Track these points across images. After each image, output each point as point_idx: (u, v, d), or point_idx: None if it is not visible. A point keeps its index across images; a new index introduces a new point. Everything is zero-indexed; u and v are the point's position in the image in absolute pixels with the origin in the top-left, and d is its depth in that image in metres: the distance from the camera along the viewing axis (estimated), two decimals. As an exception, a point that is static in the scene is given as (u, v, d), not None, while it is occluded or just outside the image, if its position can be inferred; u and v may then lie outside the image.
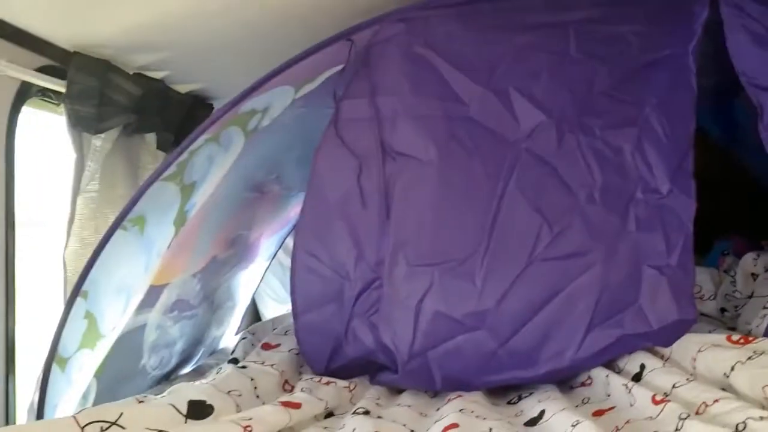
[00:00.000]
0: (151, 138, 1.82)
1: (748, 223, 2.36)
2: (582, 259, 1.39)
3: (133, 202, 1.20)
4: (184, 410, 1.15)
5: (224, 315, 2.06)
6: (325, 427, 1.25)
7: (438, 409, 1.31)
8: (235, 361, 1.57)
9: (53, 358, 1.23)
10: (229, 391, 1.31)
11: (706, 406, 1.05)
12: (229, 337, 2.07)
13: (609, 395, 1.36)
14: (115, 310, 1.35)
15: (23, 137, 1.43)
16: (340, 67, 1.39)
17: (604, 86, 1.42)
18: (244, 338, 1.85)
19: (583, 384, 1.49)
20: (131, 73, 1.66)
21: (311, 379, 1.51)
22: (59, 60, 1.46)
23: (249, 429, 1.12)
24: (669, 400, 1.12)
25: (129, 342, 1.47)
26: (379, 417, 1.30)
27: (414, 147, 1.38)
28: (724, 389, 1.16)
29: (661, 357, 1.43)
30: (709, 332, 1.43)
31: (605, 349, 1.40)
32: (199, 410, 1.19)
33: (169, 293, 1.57)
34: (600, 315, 1.40)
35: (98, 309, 1.30)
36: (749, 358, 1.22)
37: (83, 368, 1.36)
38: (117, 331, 1.40)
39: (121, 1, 1.32)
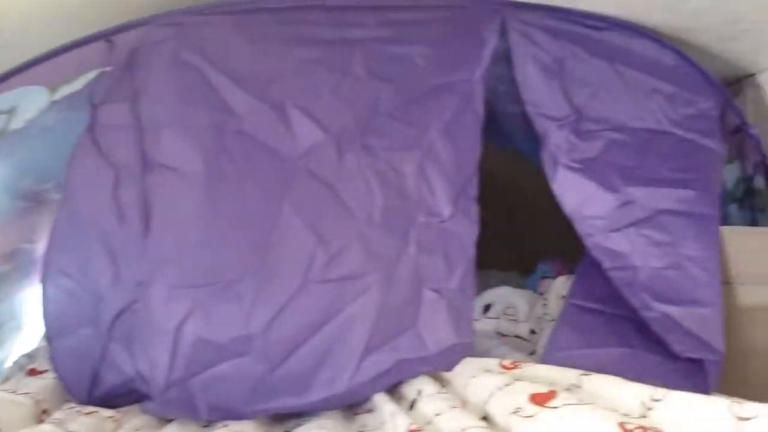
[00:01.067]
0: None
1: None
2: (359, 282, 1.36)
3: None
4: None
5: (5, 336, 1.87)
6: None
7: None
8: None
9: None
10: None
11: None
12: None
13: (383, 423, 1.32)
14: None
15: None
16: (105, 70, 1.27)
17: (389, 107, 1.41)
18: (16, 361, 1.68)
19: (366, 411, 1.45)
20: None
21: (72, 408, 1.38)
22: None
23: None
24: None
25: None
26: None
27: (179, 159, 1.32)
28: (485, 418, 1.15)
29: (441, 382, 1.41)
30: (510, 356, 1.43)
31: (383, 374, 1.39)
32: None
33: None
34: (377, 339, 1.38)
35: None
36: (506, 384, 1.22)
37: None
38: None
39: None
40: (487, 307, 2.30)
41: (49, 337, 1.39)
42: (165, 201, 1.34)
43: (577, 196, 1.47)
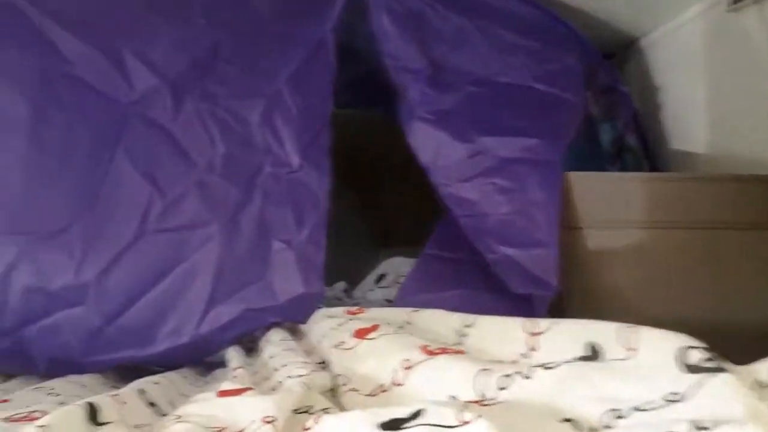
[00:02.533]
0: None
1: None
2: (198, 231, 1.37)
3: None
4: None
5: None
6: None
7: None
8: None
9: None
10: None
11: None
12: None
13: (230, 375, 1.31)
14: None
15: None
16: None
17: (230, 54, 1.43)
18: None
19: (219, 364, 1.44)
20: None
21: None
22: None
23: None
24: None
25: None
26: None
27: (1, 103, 1.26)
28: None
29: (295, 333, 1.42)
30: None
31: (229, 325, 1.40)
32: None
33: None
34: (222, 290, 1.39)
35: None
36: (340, 324, 1.24)
37: None
38: None
39: None
40: (380, 278, 2.31)
41: None
42: None
43: (431, 147, 1.50)
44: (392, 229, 2.70)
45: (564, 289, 1.41)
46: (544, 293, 1.35)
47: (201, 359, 1.49)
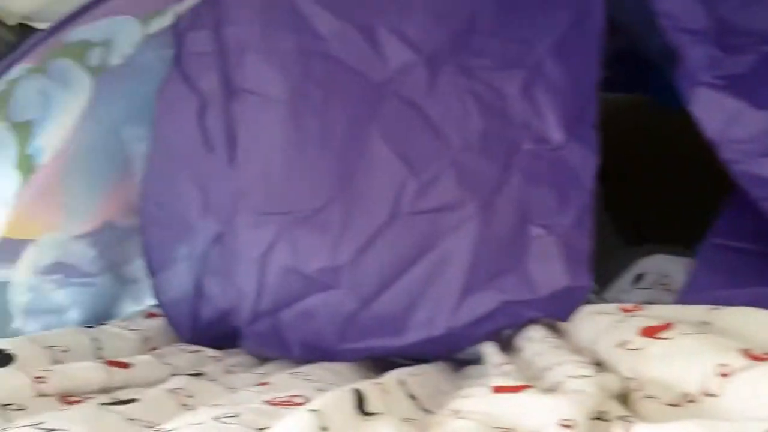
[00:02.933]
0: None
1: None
2: (454, 213, 1.28)
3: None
4: (-23, 359, 1.06)
5: (144, 293, 1.96)
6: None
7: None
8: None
9: None
10: (50, 346, 1.20)
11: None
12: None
13: (487, 375, 1.22)
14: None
15: None
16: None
17: (488, 25, 1.30)
18: (143, 309, 1.76)
19: (472, 361, 1.34)
20: (12, 24, 1.59)
21: (177, 346, 1.41)
22: None
23: (40, 379, 1.01)
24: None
25: (-15, 298, 1.40)
26: (212, 380, 1.18)
27: (263, 84, 1.31)
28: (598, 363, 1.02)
29: (555, 332, 1.28)
30: None
31: (486, 317, 1.29)
32: (-8, 358, 1.10)
33: (40, 252, 1.50)
34: (477, 277, 1.29)
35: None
36: (619, 322, 1.08)
37: None
38: None
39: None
40: (638, 278, 2.07)
41: (151, 270, 1.41)
42: (249, 127, 1.35)
43: (721, 117, 1.27)
44: (644, 224, 2.42)
45: None
46: None
47: (452, 354, 1.40)
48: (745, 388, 0.77)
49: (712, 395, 0.80)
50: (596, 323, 1.17)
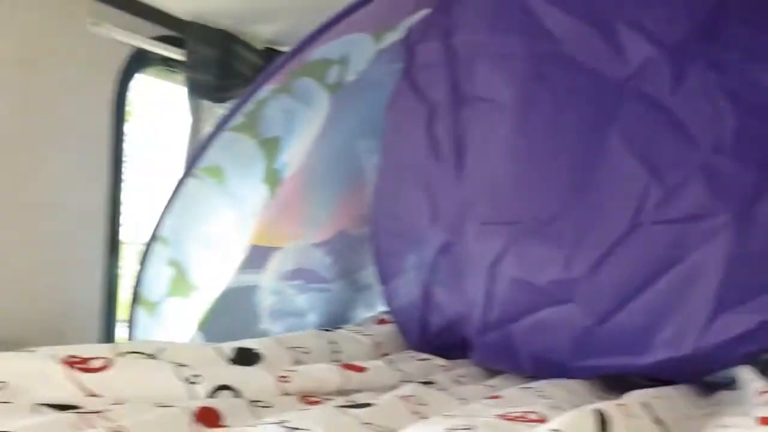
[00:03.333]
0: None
1: None
2: (704, 223, 1.20)
3: (201, 151, 1.27)
4: (231, 354, 1.17)
5: (376, 299, 2.05)
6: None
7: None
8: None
9: (136, 299, 1.33)
10: (292, 347, 1.29)
11: None
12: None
13: (744, 402, 1.11)
14: (206, 263, 1.43)
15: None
16: (424, 12, 1.31)
17: (741, 11, 1.18)
18: (374, 315, 1.84)
19: (722, 385, 1.23)
20: (259, 48, 1.75)
21: (408, 353, 1.45)
22: (178, 29, 1.59)
23: (284, 379, 1.09)
24: None
25: (236, 301, 1.56)
26: (442, 390, 1.19)
27: (492, 89, 1.32)
28: None
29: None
30: None
31: (741, 338, 1.22)
32: (245, 357, 1.20)
33: (284, 258, 1.63)
34: (731, 294, 1.22)
35: (184, 258, 1.39)
36: None
37: (179, 316, 1.45)
38: (217, 286, 1.47)
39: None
40: None
41: (382, 278, 1.46)
42: (478, 134, 1.35)
43: None
44: None
45: None
46: None
47: (700, 377, 1.27)
48: None
49: None
50: None
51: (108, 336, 1.68)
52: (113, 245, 1.66)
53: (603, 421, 0.78)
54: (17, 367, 0.99)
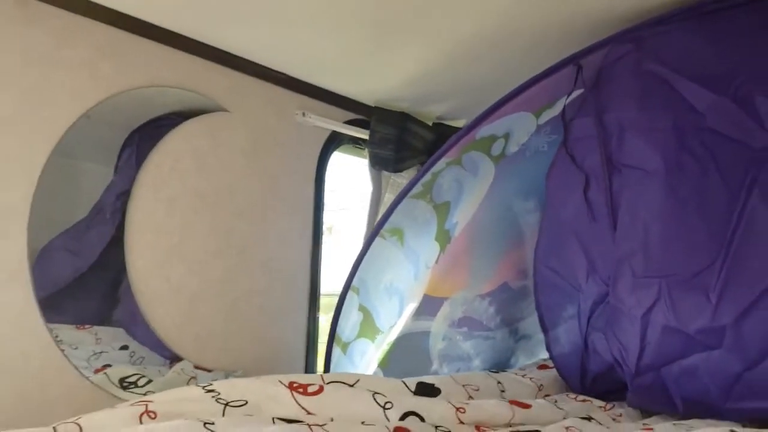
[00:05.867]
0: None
1: None
2: None
3: (387, 215, 1.56)
4: (413, 387, 1.43)
5: (536, 348, 2.26)
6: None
7: None
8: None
9: (333, 339, 1.64)
10: (465, 384, 1.54)
11: None
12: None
13: None
14: (389, 309, 1.72)
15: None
16: (579, 92, 1.55)
17: None
18: (535, 362, 2.05)
19: None
20: (430, 123, 2.06)
21: (568, 395, 1.64)
22: (364, 113, 1.93)
23: (461, 410, 1.34)
24: None
25: (411, 344, 1.83)
26: (601, 424, 1.38)
27: (641, 159, 1.49)
28: None
29: None
30: None
31: None
32: (426, 390, 1.46)
33: (452, 307, 1.89)
34: None
35: (371, 305, 1.68)
36: None
37: (365, 356, 1.75)
38: (396, 331, 1.75)
39: (405, 59, 1.72)
40: None
41: (544, 327, 1.67)
42: (630, 198, 1.52)
43: None
44: None
45: None
46: None
47: None
48: None
49: None
50: None
51: (309, 369, 2.00)
52: (313, 296, 2.00)
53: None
54: (255, 388, 1.30)
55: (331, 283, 2.20)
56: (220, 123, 1.74)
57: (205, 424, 1.08)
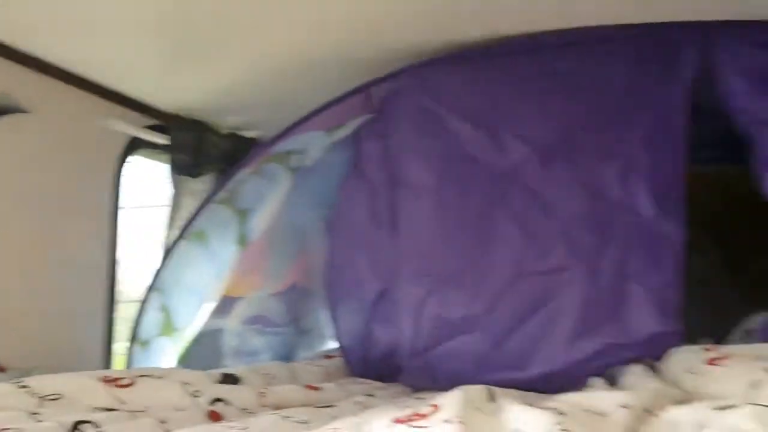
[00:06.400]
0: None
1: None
2: (564, 274, 1.69)
3: (192, 219, 1.70)
4: (217, 378, 1.58)
5: (314, 342, 2.48)
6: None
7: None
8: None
9: (134, 338, 1.73)
10: (263, 374, 1.72)
11: None
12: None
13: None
14: (188, 309, 1.85)
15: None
16: (368, 116, 1.81)
17: (589, 124, 1.72)
18: (319, 352, 2.28)
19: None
20: (225, 132, 2.21)
21: (352, 379, 1.90)
22: (164, 120, 2.04)
23: (263, 395, 1.51)
24: None
25: (208, 341, 1.97)
26: (384, 399, 1.63)
27: (416, 177, 1.82)
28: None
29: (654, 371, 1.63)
30: None
31: (592, 356, 1.68)
32: (230, 379, 1.62)
33: (247, 306, 2.06)
34: (585, 325, 1.69)
35: (172, 305, 1.80)
36: (697, 358, 1.44)
37: (166, 354, 1.86)
38: (194, 329, 1.88)
39: (206, 73, 1.86)
40: (747, 333, 2.32)
41: (333, 320, 1.92)
42: (407, 209, 1.85)
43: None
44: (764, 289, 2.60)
45: None
46: None
47: (569, 388, 1.76)
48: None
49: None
50: (681, 360, 1.53)
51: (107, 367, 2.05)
52: (111, 297, 2.05)
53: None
54: (68, 382, 1.38)
55: (133, 284, 2.27)
56: (19, 124, 1.74)
57: (31, 413, 1.15)
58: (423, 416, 1.06)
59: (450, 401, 1.08)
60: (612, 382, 1.64)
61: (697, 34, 1.70)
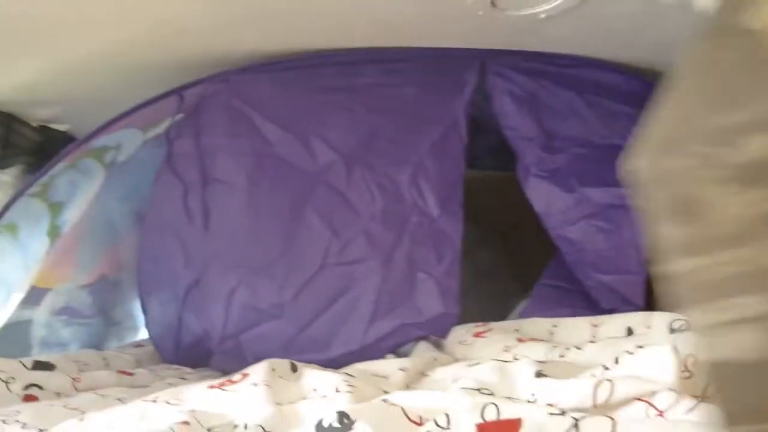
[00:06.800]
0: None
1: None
2: (364, 265, 1.91)
3: (3, 211, 1.72)
4: (29, 365, 1.62)
5: (125, 333, 2.52)
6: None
7: None
8: (101, 350, 2.07)
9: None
10: (76, 361, 1.78)
11: None
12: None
13: None
14: (-4, 301, 1.85)
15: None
16: (181, 116, 1.92)
17: (386, 134, 1.96)
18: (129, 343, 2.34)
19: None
20: (35, 125, 2.21)
21: (163, 366, 1.99)
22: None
23: (77, 380, 1.58)
24: None
25: (16, 332, 1.96)
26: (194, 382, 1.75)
27: (228, 175, 1.95)
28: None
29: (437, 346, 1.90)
30: None
31: (388, 335, 1.93)
32: (43, 366, 1.66)
33: (56, 297, 2.08)
34: (381, 309, 1.92)
35: (-20, 297, 1.80)
36: (467, 331, 1.72)
37: (-27, 345, 1.85)
38: (1, 320, 1.88)
39: (13, 66, 1.87)
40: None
41: (144, 310, 2.01)
42: (219, 206, 1.98)
43: (544, 198, 1.94)
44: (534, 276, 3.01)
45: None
46: (629, 309, 1.74)
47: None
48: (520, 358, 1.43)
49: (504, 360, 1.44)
50: (456, 335, 1.83)
51: None
52: None
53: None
54: None
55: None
56: None
57: None
58: (234, 382, 1.24)
59: (257, 369, 1.26)
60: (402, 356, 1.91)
61: (476, 59, 2.00)
